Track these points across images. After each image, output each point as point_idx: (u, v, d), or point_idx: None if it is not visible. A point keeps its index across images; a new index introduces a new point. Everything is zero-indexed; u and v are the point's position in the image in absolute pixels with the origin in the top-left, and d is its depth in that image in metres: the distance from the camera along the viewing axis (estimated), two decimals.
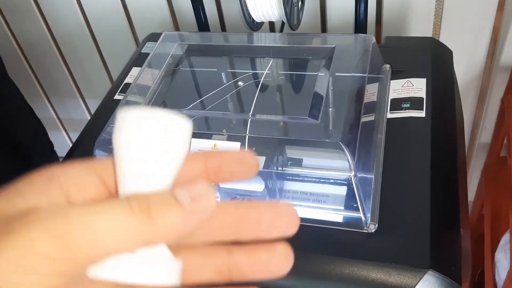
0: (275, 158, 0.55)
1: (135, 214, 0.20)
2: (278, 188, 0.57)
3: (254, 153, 0.26)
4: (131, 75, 0.76)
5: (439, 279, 0.47)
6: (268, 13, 0.64)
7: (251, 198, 0.55)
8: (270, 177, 0.55)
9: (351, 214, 0.53)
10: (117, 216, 0.20)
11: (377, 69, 0.67)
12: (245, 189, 0.55)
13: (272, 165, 0.55)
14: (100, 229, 0.19)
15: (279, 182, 0.57)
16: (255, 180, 0.54)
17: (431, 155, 0.56)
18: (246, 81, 0.63)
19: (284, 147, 0.56)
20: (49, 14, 1.10)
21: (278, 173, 0.56)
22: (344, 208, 0.54)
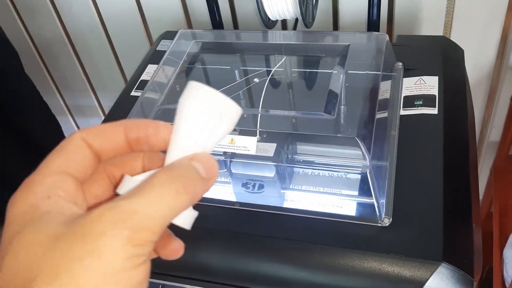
0: (285, 149, 0.57)
1: (179, 195, 0.25)
2: (288, 176, 0.58)
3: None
4: (147, 72, 0.78)
5: (452, 271, 0.48)
6: (283, 11, 0.66)
7: (263, 184, 0.56)
8: (281, 166, 0.56)
9: (365, 207, 0.54)
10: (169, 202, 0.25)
11: (390, 67, 0.68)
12: (258, 174, 0.56)
13: (283, 154, 0.56)
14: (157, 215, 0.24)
15: (289, 172, 0.58)
16: (267, 166, 0.55)
17: (444, 151, 0.58)
18: (261, 78, 0.64)
19: (298, 142, 0.57)
20: (64, 12, 1.11)
21: (290, 162, 0.57)
22: (359, 202, 0.55)
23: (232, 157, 0.56)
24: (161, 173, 0.26)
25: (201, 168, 0.27)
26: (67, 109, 1.37)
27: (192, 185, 0.26)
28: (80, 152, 0.28)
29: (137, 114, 0.62)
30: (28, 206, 0.25)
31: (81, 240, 0.23)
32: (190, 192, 0.26)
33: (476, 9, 0.86)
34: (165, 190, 0.25)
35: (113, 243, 0.23)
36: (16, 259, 0.23)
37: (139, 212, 0.24)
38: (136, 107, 0.63)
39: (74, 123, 1.41)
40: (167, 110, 0.61)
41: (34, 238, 0.23)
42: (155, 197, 0.24)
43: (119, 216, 0.23)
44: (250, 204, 0.57)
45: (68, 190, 0.26)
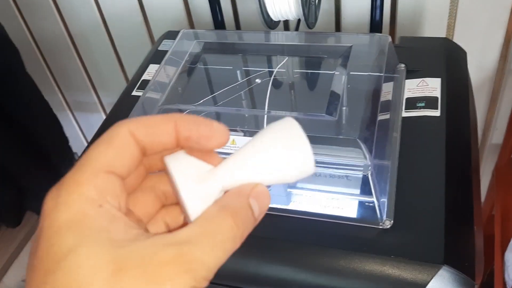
0: None
1: (236, 244, 0.25)
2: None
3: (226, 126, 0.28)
4: (149, 72, 0.78)
5: (453, 274, 0.48)
6: (286, 11, 0.65)
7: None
8: None
9: (366, 209, 0.54)
10: (229, 252, 0.24)
11: (392, 69, 0.67)
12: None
13: None
14: (218, 266, 0.24)
15: None
16: None
17: (446, 153, 0.57)
18: (263, 79, 0.64)
19: None
20: (65, 11, 1.11)
21: None
22: (360, 204, 0.55)
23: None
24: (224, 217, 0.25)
25: (256, 208, 0.26)
26: (68, 107, 1.37)
27: (248, 230, 0.26)
28: (129, 148, 0.25)
29: (138, 114, 0.62)
30: (77, 213, 0.23)
31: (147, 281, 0.22)
32: (244, 238, 0.25)
33: (479, 11, 0.86)
34: (227, 241, 0.24)
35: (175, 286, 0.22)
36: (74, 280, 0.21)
37: (205, 264, 0.23)
38: (137, 106, 0.62)
39: (75, 122, 1.41)
40: (168, 110, 0.61)
41: (93, 260, 0.22)
42: (219, 248, 0.24)
43: (187, 265, 0.22)
44: None
45: (115, 194, 0.24)
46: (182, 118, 0.27)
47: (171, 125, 0.26)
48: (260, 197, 0.26)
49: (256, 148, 0.27)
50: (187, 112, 0.60)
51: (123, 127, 0.25)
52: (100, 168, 0.24)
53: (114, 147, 0.25)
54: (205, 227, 0.24)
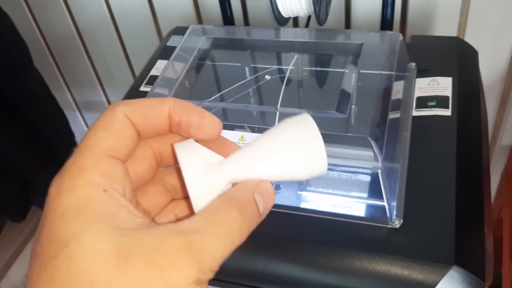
0: None
1: (242, 237, 0.25)
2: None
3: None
4: (157, 67, 0.77)
5: (463, 275, 0.47)
6: (296, 8, 0.65)
7: (279, 184, 0.55)
8: None
9: (376, 208, 0.53)
10: (235, 245, 0.24)
11: (403, 67, 0.67)
12: None
13: None
14: (224, 258, 0.24)
15: None
16: None
17: (457, 153, 0.57)
18: (272, 75, 0.64)
19: None
20: (74, 7, 1.11)
21: None
22: (369, 203, 0.55)
23: None
24: (230, 209, 0.25)
25: (261, 203, 0.26)
26: (75, 104, 1.37)
27: (253, 225, 0.26)
28: (127, 132, 0.25)
29: None
30: (81, 198, 0.22)
31: (153, 270, 0.21)
32: (249, 232, 0.25)
33: (491, 10, 0.85)
34: (233, 233, 0.24)
35: (183, 281, 0.21)
36: (76, 266, 0.21)
37: (212, 254, 0.23)
38: None
39: (81, 118, 1.41)
40: None
41: (98, 248, 0.21)
42: (225, 240, 0.24)
43: (195, 255, 0.22)
44: None
45: (119, 179, 0.24)
46: (176, 104, 0.26)
47: (165, 109, 0.26)
48: (265, 194, 0.26)
49: (268, 143, 0.27)
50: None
51: (118, 109, 0.25)
52: (102, 152, 0.24)
53: (113, 131, 0.25)
54: (212, 218, 0.24)
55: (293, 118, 0.27)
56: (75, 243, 0.21)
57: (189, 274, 0.22)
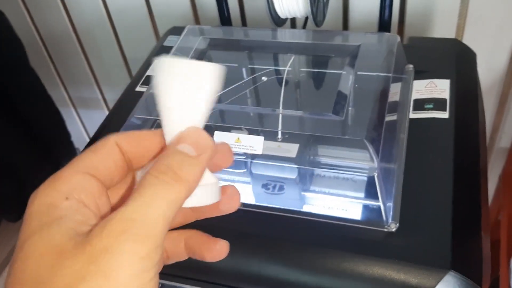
0: (307, 149, 0.55)
1: (171, 186, 0.24)
2: (308, 178, 0.57)
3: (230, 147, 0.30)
4: (153, 67, 0.77)
5: (459, 280, 0.46)
6: (294, 9, 0.64)
7: (283, 185, 0.55)
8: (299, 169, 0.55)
9: (372, 212, 0.53)
10: (163, 197, 0.24)
11: (401, 69, 0.66)
12: (278, 176, 0.55)
13: (304, 155, 0.55)
14: (156, 216, 0.23)
15: (309, 173, 0.57)
16: (289, 167, 0.54)
17: (454, 156, 0.56)
18: (269, 77, 0.63)
19: (308, 142, 0.56)
20: (71, 6, 1.11)
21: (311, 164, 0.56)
22: (365, 206, 0.54)
23: (253, 158, 0.55)
24: (149, 172, 0.25)
25: (187, 148, 0.26)
26: (71, 102, 1.37)
27: (182, 171, 0.25)
28: (112, 155, 0.27)
29: (141, 110, 0.61)
30: (47, 205, 0.24)
31: (85, 260, 0.21)
32: (182, 179, 0.24)
33: (490, 12, 0.84)
34: (156, 188, 0.24)
35: (118, 259, 0.21)
36: (25, 267, 0.22)
37: (137, 219, 0.22)
38: (141, 102, 0.62)
39: (77, 117, 1.40)
40: None
41: (42, 248, 0.23)
42: (149, 198, 0.23)
43: (120, 227, 0.22)
44: (254, 205, 0.56)
45: (91, 192, 0.26)
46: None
47: (157, 138, 0.28)
48: (188, 137, 0.26)
49: (164, 109, 0.27)
50: None
51: (110, 138, 0.28)
52: (80, 169, 0.26)
53: (98, 153, 0.27)
54: (135, 188, 0.24)
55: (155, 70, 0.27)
56: (27, 245, 0.23)
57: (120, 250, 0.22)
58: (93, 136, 0.71)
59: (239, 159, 0.56)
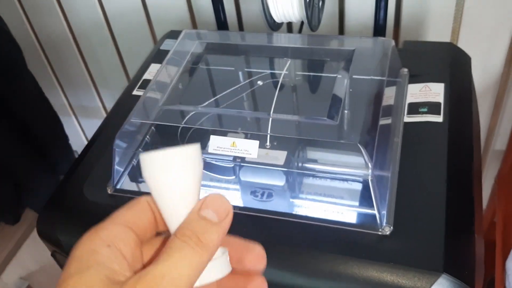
0: (295, 156, 0.56)
1: (195, 251, 0.26)
2: (297, 185, 0.57)
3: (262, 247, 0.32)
4: (150, 71, 0.77)
5: (452, 283, 0.47)
6: (289, 13, 0.65)
7: (271, 193, 0.55)
8: (290, 174, 0.55)
9: (366, 215, 0.53)
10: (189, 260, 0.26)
11: (395, 73, 0.67)
12: (266, 182, 0.55)
13: (293, 162, 0.55)
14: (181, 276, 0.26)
15: (298, 180, 0.57)
16: (277, 175, 0.54)
17: (448, 160, 0.57)
18: (264, 81, 0.64)
19: (302, 146, 0.57)
20: (68, 10, 1.11)
21: (295, 171, 0.56)
22: (360, 210, 0.55)
23: (241, 163, 0.56)
24: (176, 235, 0.27)
25: (210, 214, 0.28)
26: (69, 106, 1.37)
27: (205, 237, 0.27)
28: (145, 213, 0.30)
29: (138, 114, 0.61)
30: (88, 250, 0.27)
31: None
32: (205, 245, 0.27)
33: (485, 16, 0.85)
34: (182, 251, 0.26)
35: None
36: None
37: (166, 277, 0.25)
38: (138, 106, 0.62)
39: (76, 120, 1.41)
40: (169, 111, 0.61)
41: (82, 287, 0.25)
42: (177, 259, 0.26)
43: (152, 282, 0.25)
44: (249, 209, 0.56)
45: (129, 243, 0.28)
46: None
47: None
48: (210, 204, 0.28)
49: (165, 204, 0.29)
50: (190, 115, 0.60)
51: (142, 198, 0.30)
52: (119, 222, 0.29)
53: (134, 210, 0.30)
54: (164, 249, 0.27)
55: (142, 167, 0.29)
56: (65, 284, 0.25)
57: None
58: (91, 139, 0.72)
59: (228, 166, 0.56)
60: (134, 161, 0.63)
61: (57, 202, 0.62)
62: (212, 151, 0.56)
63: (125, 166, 0.62)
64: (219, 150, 0.55)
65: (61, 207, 0.61)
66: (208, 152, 0.56)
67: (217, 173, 0.58)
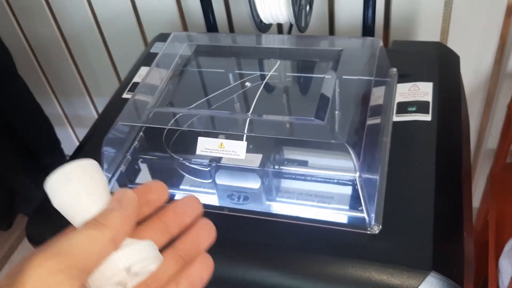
0: (271, 158, 0.56)
1: (96, 227, 0.29)
2: (274, 187, 0.57)
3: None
4: (140, 74, 0.77)
5: (441, 281, 0.47)
6: (276, 14, 0.65)
7: (247, 196, 0.56)
8: (267, 175, 0.55)
9: (355, 215, 0.53)
10: (88, 235, 0.29)
11: (384, 73, 0.67)
12: (242, 186, 0.55)
13: (270, 163, 0.55)
14: (83, 246, 0.28)
15: (278, 181, 0.57)
16: (252, 177, 0.55)
17: (436, 158, 0.57)
18: (253, 82, 0.64)
19: (288, 147, 0.56)
20: (59, 14, 1.11)
21: (277, 172, 0.56)
22: (348, 209, 0.55)
23: (217, 168, 0.56)
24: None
25: (112, 204, 0.31)
26: (62, 110, 1.37)
27: (104, 219, 0.29)
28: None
29: (127, 116, 0.61)
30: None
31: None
32: (104, 223, 0.29)
33: (474, 15, 0.85)
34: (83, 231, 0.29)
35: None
36: None
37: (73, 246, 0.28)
38: (126, 109, 0.62)
39: (69, 125, 1.40)
40: (157, 113, 0.61)
41: None
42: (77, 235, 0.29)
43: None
44: (238, 210, 0.56)
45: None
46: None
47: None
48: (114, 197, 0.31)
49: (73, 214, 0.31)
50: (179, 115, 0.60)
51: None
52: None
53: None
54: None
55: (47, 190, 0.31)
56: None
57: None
58: (82, 141, 0.71)
59: (204, 169, 0.56)
60: (122, 166, 0.63)
61: (46, 207, 0.62)
62: (200, 153, 0.56)
63: (114, 171, 0.62)
64: (207, 152, 0.55)
65: (51, 212, 0.61)
66: (196, 154, 0.56)
67: (195, 176, 0.59)
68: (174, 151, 0.61)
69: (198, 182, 0.60)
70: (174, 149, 0.61)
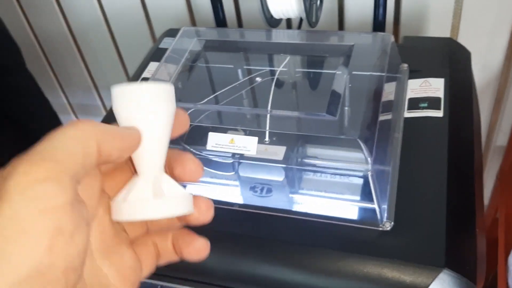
0: (294, 152, 0.56)
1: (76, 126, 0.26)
2: (296, 180, 0.57)
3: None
4: (149, 69, 0.77)
5: (454, 278, 0.47)
6: (287, 9, 0.64)
7: (270, 187, 0.55)
8: (289, 170, 0.55)
9: (367, 211, 0.53)
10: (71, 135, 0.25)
11: (395, 68, 0.66)
12: (266, 178, 0.55)
13: (292, 157, 0.55)
14: (67, 147, 0.25)
15: (297, 175, 0.57)
16: (276, 170, 0.54)
17: (448, 155, 0.56)
18: (263, 77, 0.63)
19: (302, 142, 0.56)
20: (67, 9, 1.11)
21: (296, 167, 0.56)
22: (360, 205, 0.54)
23: (240, 160, 0.55)
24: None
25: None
26: (69, 106, 1.37)
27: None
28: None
29: None
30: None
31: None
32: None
33: (484, 10, 0.85)
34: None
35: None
36: None
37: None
38: None
39: (75, 118, 1.40)
40: None
41: None
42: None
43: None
44: (249, 206, 0.56)
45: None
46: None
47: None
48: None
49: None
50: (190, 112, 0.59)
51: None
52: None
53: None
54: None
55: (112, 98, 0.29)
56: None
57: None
58: None
59: (227, 162, 0.56)
60: None
61: None
62: (210, 148, 0.56)
63: None
64: (218, 147, 0.55)
65: None
66: (207, 149, 0.56)
67: (216, 169, 0.58)
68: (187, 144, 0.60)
69: (219, 175, 0.59)
70: (187, 143, 0.61)
